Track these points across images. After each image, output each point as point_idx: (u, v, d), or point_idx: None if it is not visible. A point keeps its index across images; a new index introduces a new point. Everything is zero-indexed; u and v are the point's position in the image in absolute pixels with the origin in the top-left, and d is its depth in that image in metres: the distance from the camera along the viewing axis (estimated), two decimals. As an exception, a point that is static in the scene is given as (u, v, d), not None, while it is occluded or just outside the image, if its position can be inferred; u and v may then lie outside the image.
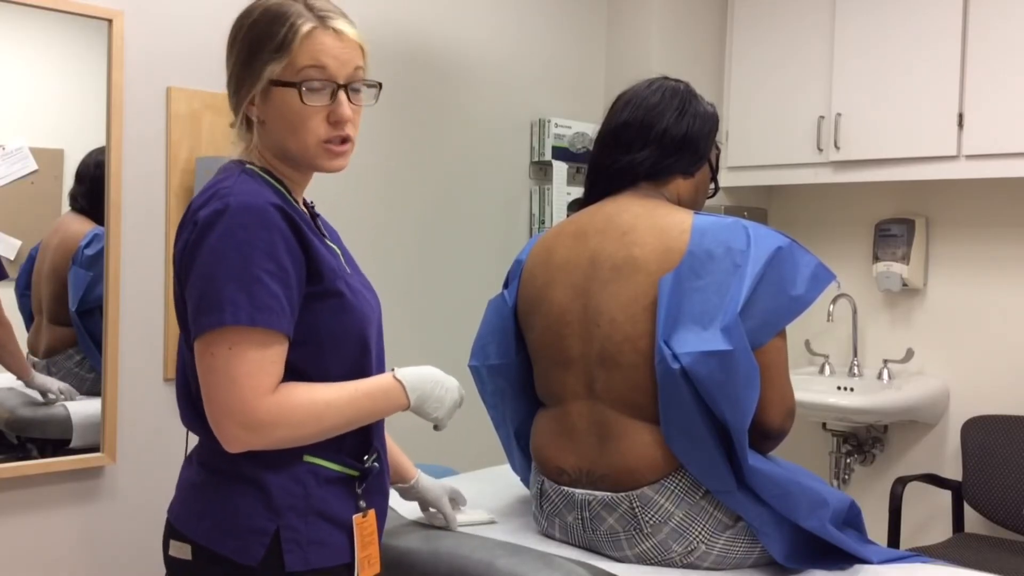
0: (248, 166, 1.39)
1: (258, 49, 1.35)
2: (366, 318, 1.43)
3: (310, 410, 1.32)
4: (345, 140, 1.39)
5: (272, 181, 1.39)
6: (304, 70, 1.34)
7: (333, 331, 1.37)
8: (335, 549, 1.38)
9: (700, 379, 1.55)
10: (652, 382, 1.61)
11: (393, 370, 1.45)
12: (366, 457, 1.44)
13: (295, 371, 1.33)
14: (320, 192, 1.55)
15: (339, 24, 1.37)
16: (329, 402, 1.34)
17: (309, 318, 1.34)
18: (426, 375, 1.47)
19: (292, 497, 1.34)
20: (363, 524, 1.41)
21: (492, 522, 1.85)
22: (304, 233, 1.33)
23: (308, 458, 1.37)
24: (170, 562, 1.40)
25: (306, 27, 1.34)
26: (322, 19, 1.36)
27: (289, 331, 1.31)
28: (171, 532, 1.40)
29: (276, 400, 1.28)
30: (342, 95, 1.36)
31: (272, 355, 1.29)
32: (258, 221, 1.28)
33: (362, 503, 1.42)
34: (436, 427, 1.53)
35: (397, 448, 1.71)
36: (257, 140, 1.41)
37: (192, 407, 1.40)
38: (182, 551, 1.36)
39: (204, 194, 1.34)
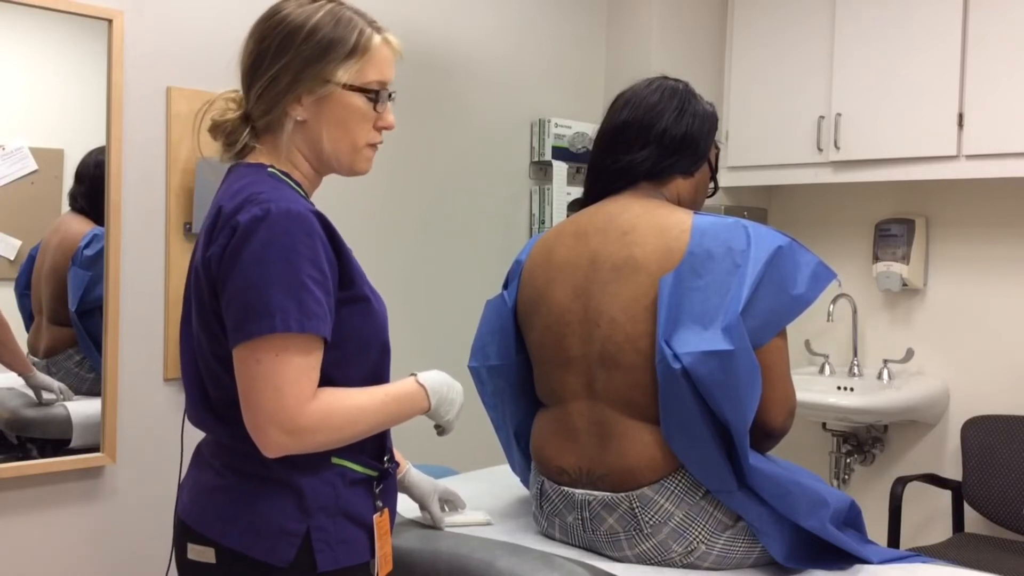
0: (270, 169, 1.39)
1: (326, 50, 1.37)
2: (386, 321, 1.45)
3: (347, 415, 1.34)
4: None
5: (292, 184, 1.40)
6: (370, 80, 1.41)
7: (359, 335, 1.39)
8: (358, 548, 1.40)
9: (701, 379, 1.55)
10: (653, 382, 1.61)
11: (414, 374, 1.49)
12: (385, 458, 1.47)
13: (320, 375, 1.33)
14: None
15: (391, 36, 1.45)
16: (363, 407, 1.36)
17: (338, 323, 1.35)
18: (441, 379, 1.51)
19: (323, 499, 1.36)
20: (380, 523, 1.44)
21: (488, 523, 1.85)
22: (338, 238, 1.35)
23: (336, 460, 1.39)
24: (188, 565, 1.39)
25: (375, 38, 1.42)
26: (379, 30, 1.43)
27: (329, 336, 1.32)
28: (188, 535, 1.38)
29: (317, 406, 1.30)
30: (389, 104, 1.46)
31: (313, 361, 1.30)
32: (301, 227, 1.29)
33: (379, 503, 1.44)
34: (442, 431, 1.56)
35: None
36: (284, 140, 1.41)
37: (209, 409, 1.40)
38: (204, 554, 1.36)
39: (235, 199, 1.33)
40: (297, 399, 1.27)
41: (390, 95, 1.45)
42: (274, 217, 1.28)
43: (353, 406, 1.35)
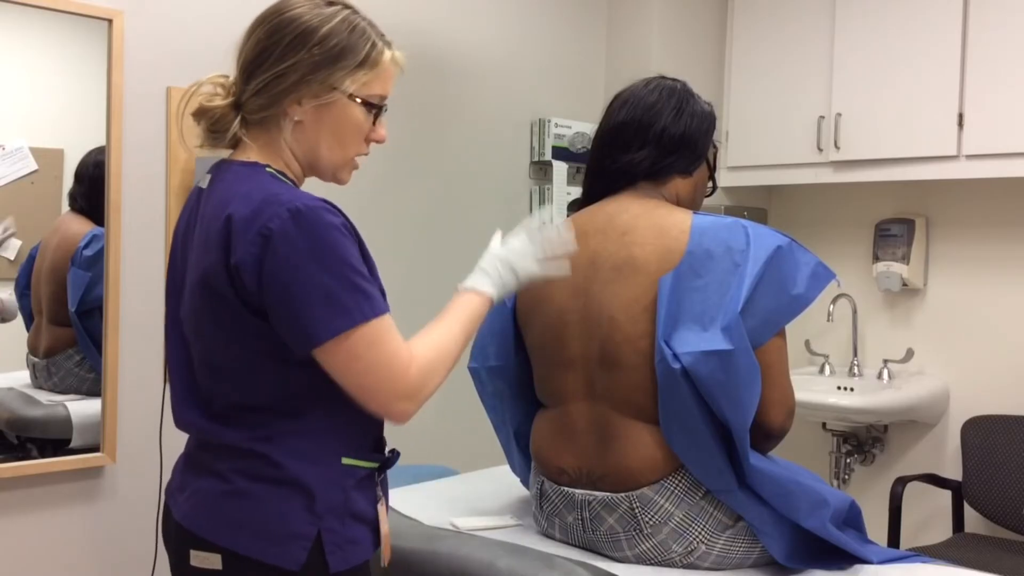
0: (268, 169, 1.38)
1: (337, 57, 1.37)
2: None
3: (441, 354, 1.38)
4: None
5: (289, 183, 1.39)
6: (374, 93, 1.42)
7: None
8: (364, 546, 1.40)
9: (701, 379, 1.55)
10: (652, 382, 1.61)
11: (457, 288, 1.52)
12: (388, 450, 1.48)
13: (322, 371, 1.33)
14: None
15: (398, 53, 1.45)
16: (446, 336, 1.40)
17: None
18: (488, 265, 1.59)
19: (333, 500, 1.36)
20: (383, 510, 1.45)
21: (518, 524, 1.85)
22: (357, 233, 1.36)
23: (346, 460, 1.39)
24: (191, 572, 1.37)
25: (386, 53, 1.42)
26: (388, 45, 1.44)
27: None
28: (191, 542, 1.36)
29: (419, 365, 1.34)
30: (383, 119, 1.46)
31: (394, 331, 1.33)
32: (333, 224, 1.30)
33: (379, 491, 1.45)
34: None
35: None
36: (278, 138, 1.40)
37: (212, 415, 1.38)
38: (208, 561, 1.34)
39: (246, 203, 1.30)
40: (403, 366, 1.31)
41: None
42: (308, 217, 1.28)
43: (439, 344, 1.38)
